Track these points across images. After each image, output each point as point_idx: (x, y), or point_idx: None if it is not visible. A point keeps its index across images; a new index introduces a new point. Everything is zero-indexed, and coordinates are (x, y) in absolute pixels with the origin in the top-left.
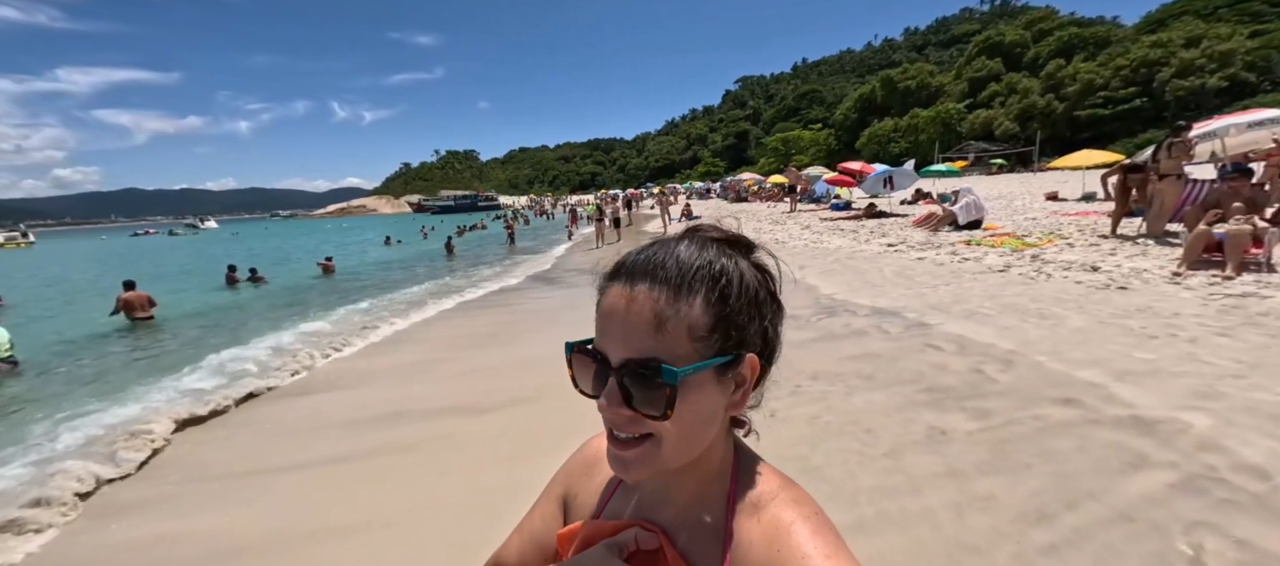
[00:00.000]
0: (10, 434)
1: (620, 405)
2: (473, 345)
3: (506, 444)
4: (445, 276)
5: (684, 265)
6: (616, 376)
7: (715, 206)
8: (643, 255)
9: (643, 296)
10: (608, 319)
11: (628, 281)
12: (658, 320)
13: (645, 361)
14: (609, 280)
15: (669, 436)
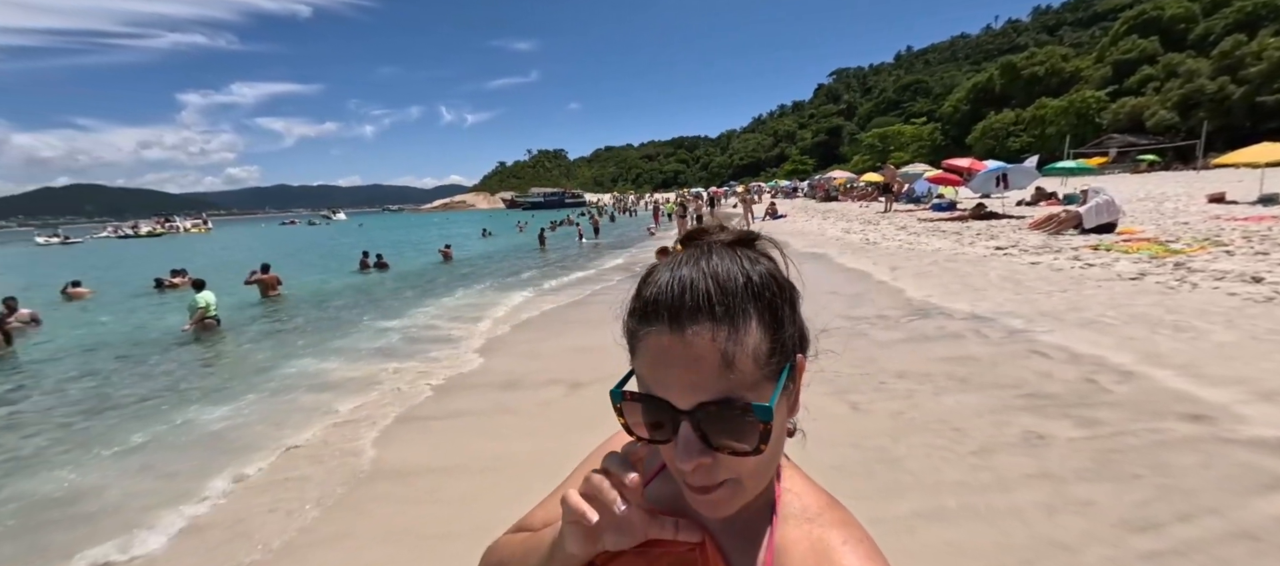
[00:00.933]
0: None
1: (700, 453)
2: (569, 327)
3: (591, 412)
4: (541, 266)
5: (727, 289)
6: (691, 421)
7: (802, 206)
8: (674, 287)
9: (698, 338)
10: (662, 366)
11: (673, 325)
12: (724, 360)
13: (726, 401)
14: (646, 322)
15: (748, 472)
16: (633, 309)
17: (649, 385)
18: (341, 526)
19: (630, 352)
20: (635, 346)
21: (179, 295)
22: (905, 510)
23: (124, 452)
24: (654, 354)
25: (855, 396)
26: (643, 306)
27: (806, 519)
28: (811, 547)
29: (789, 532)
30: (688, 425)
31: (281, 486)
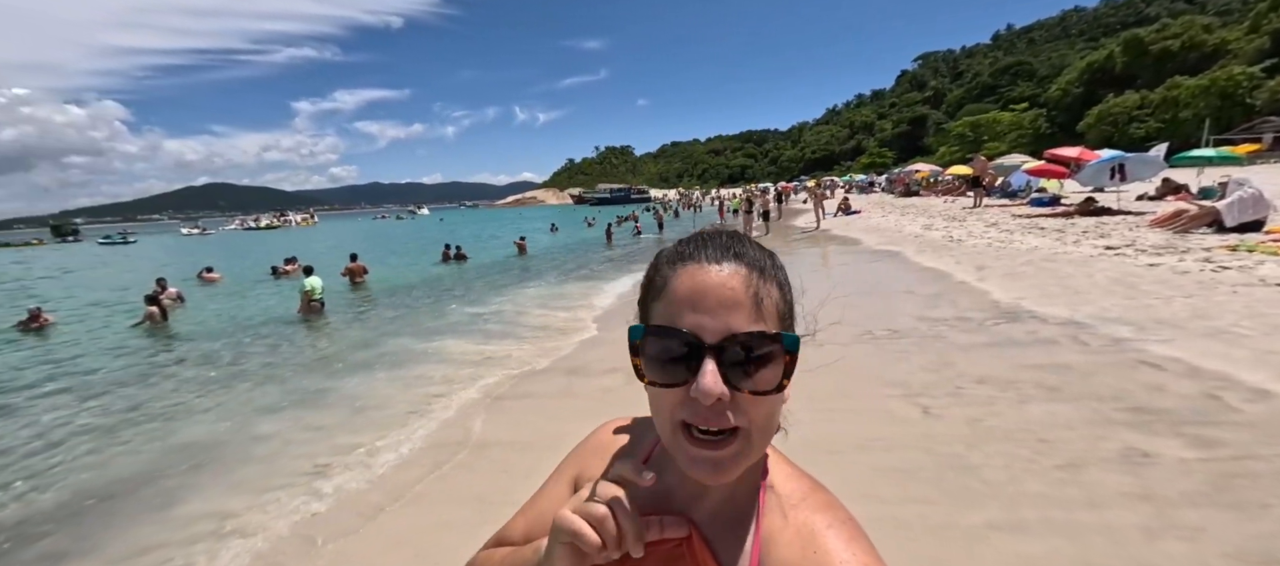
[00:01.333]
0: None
1: (722, 385)
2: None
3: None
4: (607, 260)
5: (756, 251)
6: (714, 355)
7: (878, 201)
8: (711, 235)
9: (734, 275)
10: (697, 296)
11: (712, 260)
12: (755, 297)
13: (757, 333)
14: (680, 261)
15: (757, 425)
16: (666, 256)
17: (677, 320)
18: (424, 488)
19: (650, 299)
20: (662, 287)
21: (291, 281)
22: (978, 520)
23: (266, 411)
24: (687, 288)
25: (927, 400)
26: (680, 249)
27: (791, 506)
28: (797, 533)
29: (774, 521)
30: (712, 359)
31: (379, 451)
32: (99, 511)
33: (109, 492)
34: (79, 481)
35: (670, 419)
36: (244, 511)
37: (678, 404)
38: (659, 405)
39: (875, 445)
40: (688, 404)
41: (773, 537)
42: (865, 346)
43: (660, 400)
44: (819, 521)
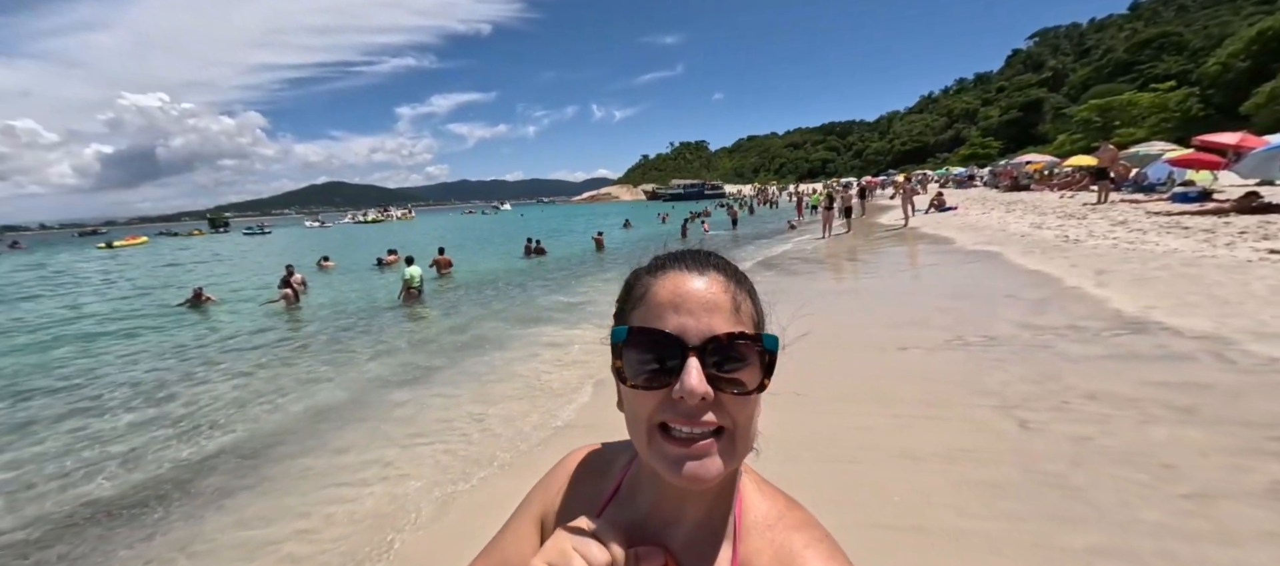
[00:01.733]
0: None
1: (706, 384)
2: None
3: None
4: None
5: (732, 263)
6: (699, 355)
7: (980, 196)
8: (687, 254)
9: (714, 281)
10: (680, 300)
11: (692, 268)
12: (734, 302)
13: (738, 334)
14: (660, 270)
15: (739, 426)
16: (645, 267)
17: (658, 323)
18: (527, 462)
19: (630, 308)
20: (643, 295)
21: (393, 271)
22: (1079, 543)
23: (391, 382)
24: (670, 292)
25: (1025, 413)
26: (660, 260)
27: (767, 526)
28: (775, 555)
29: (751, 542)
30: (696, 359)
31: (488, 417)
32: (269, 455)
33: (277, 440)
34: (251, 429)
35: (648, 421)
36: (397, 460)
37: (658, 406)
38: (638, 408)
39: (962, 456)
40: (669, 405)
41: (749, 561)
42: (954, 353)
43: (640, 402)
44: (796, 540)
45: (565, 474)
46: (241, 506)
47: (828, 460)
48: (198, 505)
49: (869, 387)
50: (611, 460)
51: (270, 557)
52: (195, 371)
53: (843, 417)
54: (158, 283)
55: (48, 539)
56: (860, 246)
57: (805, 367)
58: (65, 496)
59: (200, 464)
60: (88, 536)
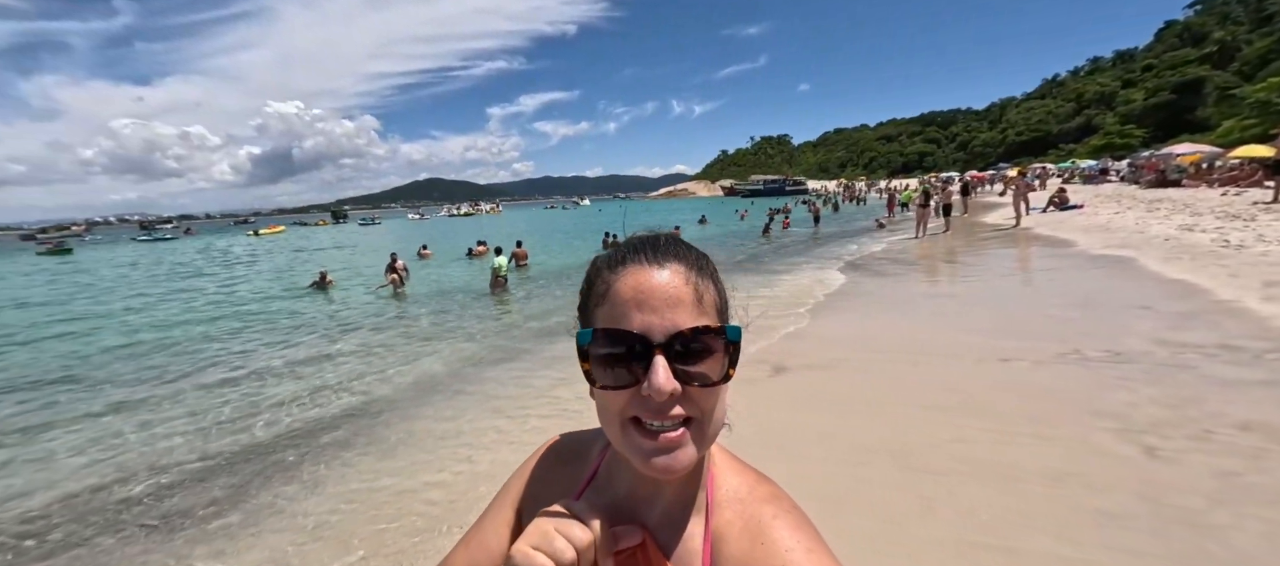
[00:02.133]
0: None
1: (673, 381)
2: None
3: (788, 395)
4: (765, 257)
5: (691, 249)
6: (664, 352)
7: (1114, 193)
8: (647, 238)
9: (675, 273)
10: (643, 296)
11: (652, 261)
12: (696, 293)
13: (702, 328)
14: (620, 265)
15: (707, 414)
16: (605, 261)
17: (622, 322)
18: None
19: (592, 305)
20: (605, 292)
21: (482, 261)
22: None
23: (489, 361)
24: (631, 290)
25: (1154, 439)
26: (619, 254)
27: (738, 500)
28: (745, 527)
29: (723, 516)
30: (661, 355)
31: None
32: (388, 414)
33: (391, 405)
34: (369, 396)
35: (619, 418)
36: (509, 429)
37: (628, 403)
38: (609, 406)
39: (1070, 479)
40: (638, 402)
41: (722, 533)
42: (1068, 368)
43: (610, 402)
44: (765, 512)
45: (543, 461)
46: (384, 456)
47: (909, 469)
48: (330, 456)
49: (962, 398)
50: (588, 445)
51: (415, 500)
52: (320, 344)
53: (930, 427)
54: (292, 266)
55: (216, 470)
56: (960, 247)
57: (891, 372)
58: (229, 440)
59: (328, 420)
60: (245, 470)
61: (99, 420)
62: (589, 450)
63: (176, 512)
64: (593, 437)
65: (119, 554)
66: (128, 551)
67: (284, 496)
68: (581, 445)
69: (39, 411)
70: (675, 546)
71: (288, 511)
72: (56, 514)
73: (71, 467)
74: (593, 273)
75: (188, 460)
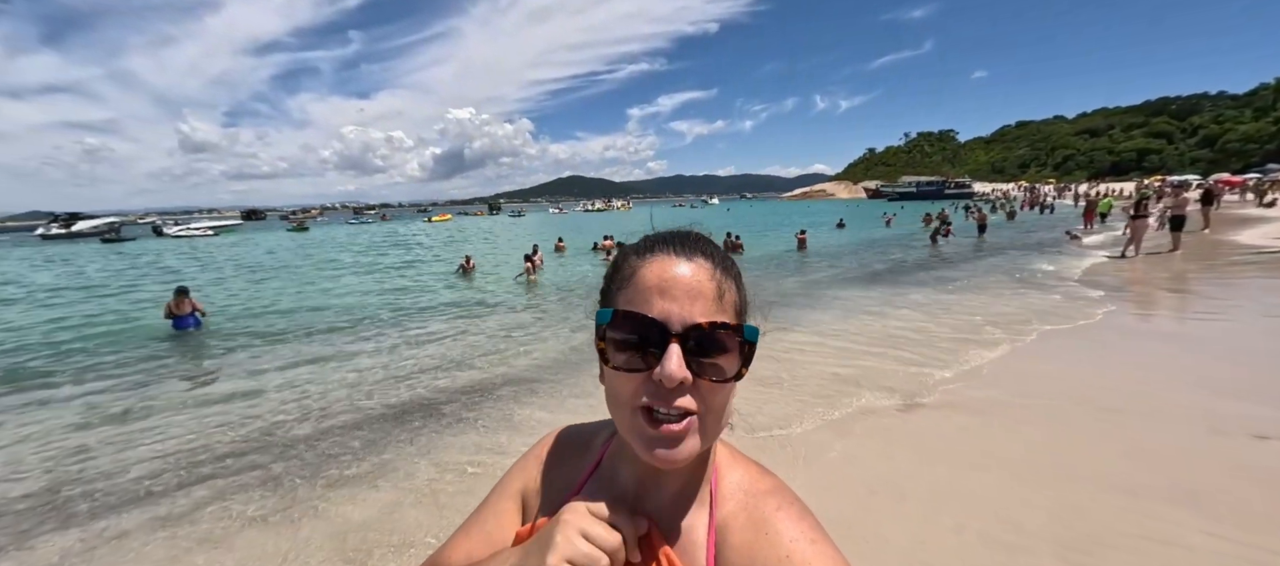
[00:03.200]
0: None
1: (685, 370)
2: (973, 344)
3: (926, 440)
4: (919, 271)
5: (719, 248)
6: (680, 342)
7: None
8: (677, 237)
9: (700, 268)
10: (666, 285)
11: (680, 252)
12: (718, 290)
13: (720, 323)
14: (648, 252)
15: (713, 411)
16: (633, 248)
17: (643, 307)
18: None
19: (615, 288)
20: (630, 277)
21: (608, 255)
22: None
23: None
24: (655, 277)
25: (1239, 489)
26: (648, 242)
27: (741, 491)
28: (749, 519)
29: (727, 508)
30: (677, 344)
31: None
32: (503, 391)
33: (523, 380)
34: (491, 373)
35: (630, 403)
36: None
37: (639, 389)
38: (619, 390)
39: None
40: (649, 387)
41: (726, 524)
42: None
43: (622, 385)
44: (769, 505)
45: (545, 450)
46: (490, 432)
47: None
48: (446, 424)
49: (1179, 482)
50: (592, 436)
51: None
52: (460, 323)
53: (1123, 517)
54: (449, 249)
55: (358, 424)
56: (1195, 273)
57: (1068, 429)
58: (374, 401)
59: (452, 392)
60: (380, 428)
61: (295, 369)
62: (593, 441)
63: (324, 456)
64: (596, 429)
65: (284, 481)
66: (290, 481)
67: (403, 456)
68: (585, 436)
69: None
70: (679, 537)
71: (403, 469)
72: (257, 438)
73: (274, 403)
74: (620, 257)
75: (343, 411)
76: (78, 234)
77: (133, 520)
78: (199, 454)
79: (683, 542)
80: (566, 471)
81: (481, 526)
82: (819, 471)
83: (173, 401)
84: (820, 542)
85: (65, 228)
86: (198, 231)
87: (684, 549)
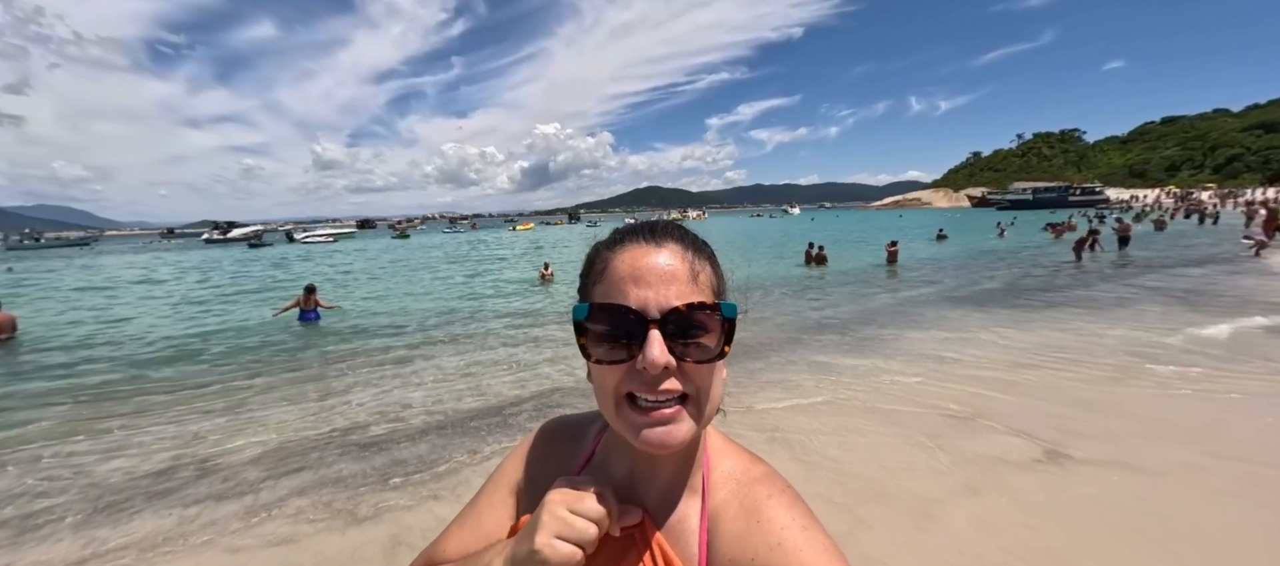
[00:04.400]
0: None
1: (667, 354)
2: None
3: (1072, 506)
4: (1045, 290)
5: (689, 232)
6: (660, 327)
7: None
8: (645, 226)
9: (672, 253)
10: (641, 273)
11: (649, 240)
12: (692, 271)
13: (697, 304)
14: (618, 244)
15: (703, 390)
16: (604, 242)
17: (619, 298)
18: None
19: (591, 283)
20: (603, 270)
21: None
22: None
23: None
24: (629, 266)
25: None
26: (618, 234)
27: (733, 480)
28: (742, 506)
29: (719, 496)
30: (657, 331)
31: None
32: (565, 401)
33: (588, 391)
34: (556, 383)
35: (614, 394)
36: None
37: (623, 378)
38: (604, 382)
39: None
40: (633, 376)
41: (718, 512)
42: None
43: (606, 377)
44: (760, 492)
45: (539, 443)
46: None
47: None
48: (514, 432)
49: None
50: (584, 427)
51: None
52: (532, 331)
53: None
54: (525, 260)
55: (432, 428)
56: None
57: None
58: (453, 403)
59: (519, 401)
60: (450, 434)
61: (381, 368)
62: (585, 432)
63: (393, 461)
64: (588, 420)
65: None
66: (354, 483)
67: (473, 461)
68: (577, 427)
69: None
70: (673, 525)
71: (466, 479)
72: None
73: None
74: (593, 253)
75: (424, 414)
76: (231, 239)
77: (227, 510)
78: (289, 446)
79: (675, 531)
80: (559, 464)
81: (476, 520)
82: (941, 538)
83: (286, 394)
84: (811, 529)
85: (222, 234)
86: (320, 238)
87: (677, 537)
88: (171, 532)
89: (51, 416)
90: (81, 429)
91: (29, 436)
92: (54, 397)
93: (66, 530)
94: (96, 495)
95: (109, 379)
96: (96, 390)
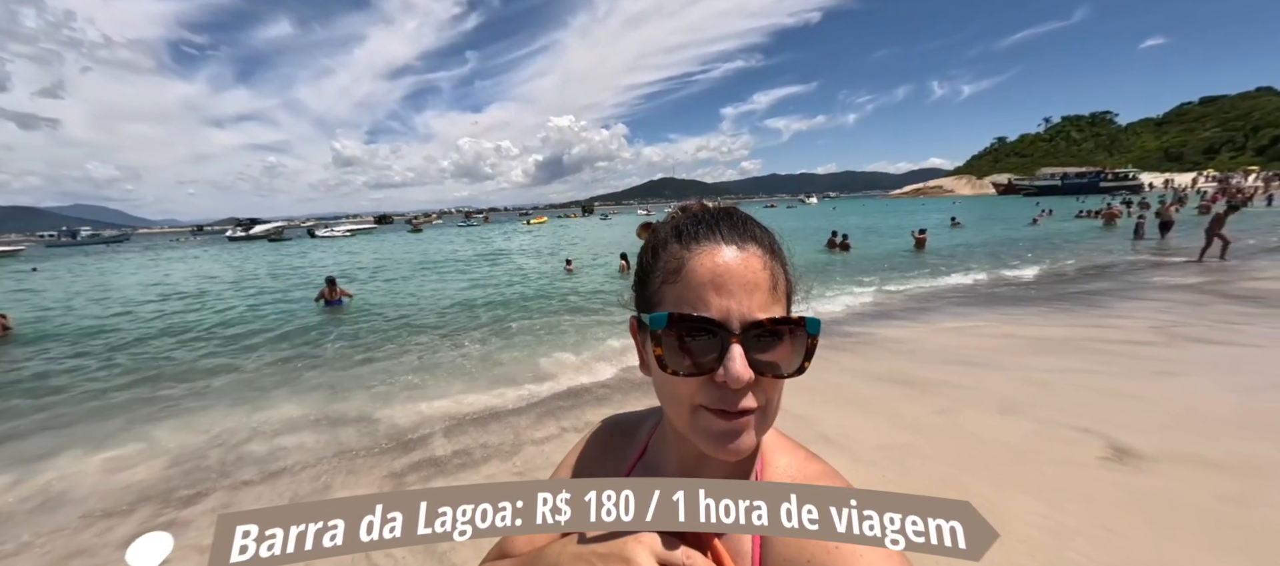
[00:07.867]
0: None
1: (750, 371)
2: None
3: (1144, 504)
4: (1087, 279)
5: (762, 225)
6: (742, 342)
7: None
8: (721, 218)
9: (753, 256)
10: (720, 279)
11: (728, 239)
12: (773, 278)
13: (782, 319)
14: (693, 240)
15: (773, 404)
16: (673, 232)
17: (698, 306)
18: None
19: (659, 281)
20: (677, 269)
21: None
22: None
23: None
24: (707, 271)
25: None
26: (691, 227)
27: (788, 476)
28: None
29: None
30: (739, 346)
31: None
32: (594, 399)
33: (608, 389)
34: (589, 372)
35: (688, 403)
36: None
37: (698, 390)
38: (678, 391)
39: None
40: (709, 389)
41: None
42: None
43: (680, 387)
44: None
45: (593, 440)
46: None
47: None
48: (551, 424)
49: None
50: (638, 424)
51: None
52: (561, 320)
53: None
54: (548, 249)
55: (453, 428)
56: None
57: None
58: (458, 406)
59: (554, 394)
60: (469, 429)
61: (402, 357)
62: (638, 429)
63: (418, 459)
64: (642, 417)
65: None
66: (372, 473)
67: (500, 451)
68: (630, 424)
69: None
70: None
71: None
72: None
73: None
74: (658, 243)
75: (437, 400)
76: (253, 236)
77: (256, 500)
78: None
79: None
80: (614, 459)
81: None
82: (1017, 544)
83: (314, 383)
84: None
85: (245, 231)
86: (339, 233)
87: (731, 536)
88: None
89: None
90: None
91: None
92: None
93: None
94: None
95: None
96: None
